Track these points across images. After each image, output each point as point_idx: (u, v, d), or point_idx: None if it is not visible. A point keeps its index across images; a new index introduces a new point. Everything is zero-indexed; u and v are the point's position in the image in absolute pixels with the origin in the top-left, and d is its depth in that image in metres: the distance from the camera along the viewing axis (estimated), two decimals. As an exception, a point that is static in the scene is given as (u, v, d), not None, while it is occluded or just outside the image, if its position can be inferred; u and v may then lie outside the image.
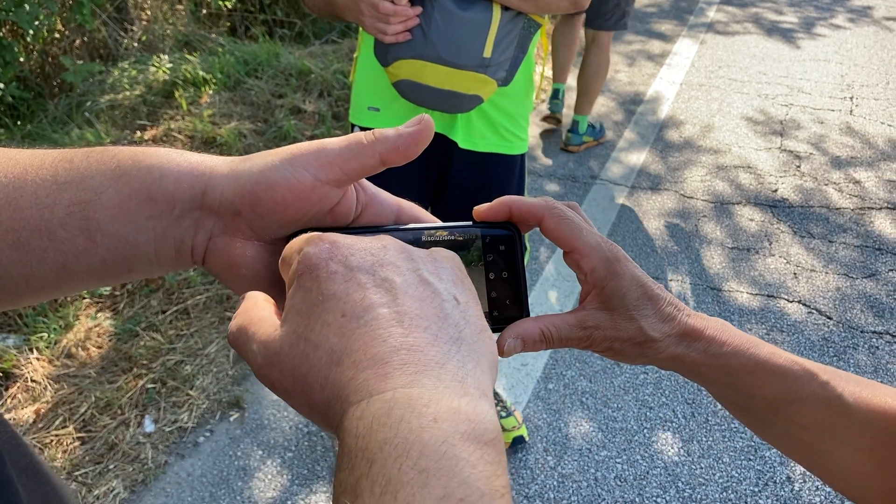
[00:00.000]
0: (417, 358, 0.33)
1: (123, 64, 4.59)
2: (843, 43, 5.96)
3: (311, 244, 0.39)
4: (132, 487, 2.14)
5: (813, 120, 4.60)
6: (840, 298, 3.00)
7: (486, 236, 0.51)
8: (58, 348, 2.52)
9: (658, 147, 4.26)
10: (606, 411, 2.45)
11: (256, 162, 0.46)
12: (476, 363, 0.35)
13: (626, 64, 5.52)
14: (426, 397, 0.31)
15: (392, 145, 0.45)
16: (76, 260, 0.45)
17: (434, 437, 0.29)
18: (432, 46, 1.60)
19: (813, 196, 3.74)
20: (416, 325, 0.35)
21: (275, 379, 0.37)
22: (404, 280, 0.38)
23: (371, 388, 0.32)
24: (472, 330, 0.37)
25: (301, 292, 0.37)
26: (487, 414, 0.32)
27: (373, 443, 0.30)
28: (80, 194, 0.44)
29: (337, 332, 0.35)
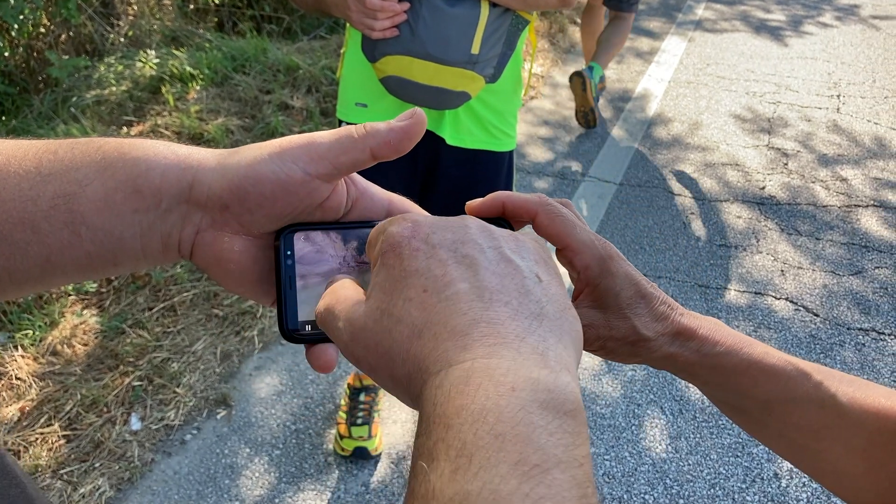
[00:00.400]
0: (497, 331, 0.33)
1: (110, 59, 4.56)
2: (830, 41, 5.99)
3: (395, 224, 0.40)
4: (118, 486, 2.12)
5: (800, 118, 4.62)
6: (827, 295, 3.02)
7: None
8: (43, 346, 2.50)
9: (647, 144, 4.27)
10: (594, 408, 2.45)
11: (245, 155, 0.45)
12: (558, 339, 0.35)
13: (615, 61, 5.51)
14: (504, 367, 0.31)
15: (383, 139, 0.45)
16: (60, 253, 0.44)
17: (511, 404, 0.29)
18: (420, 42, 1.59)
19: (800, 194, 3.76)
20: (496, 299, 0.35)
21: (360, 355, 0.38)
22: (485, 257, 0.38)
23: (451, 359, 0.32)
24: (555, 307, 0.37)
25: (384, 269, 0.38)
26: (568, 385, 0.32)
27: (450, 409, 0.30)
28: (65, 186, 0.43)
29: (418, 306, 0.35)
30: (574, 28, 6.07)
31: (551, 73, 5.23)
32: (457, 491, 0.27)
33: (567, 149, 4.20)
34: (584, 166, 4.00)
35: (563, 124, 4.50)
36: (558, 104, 4.77)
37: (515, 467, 0.27)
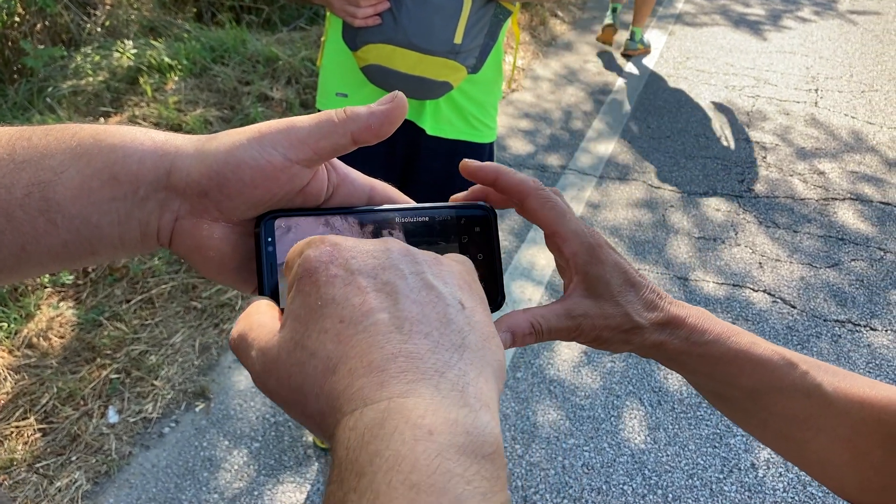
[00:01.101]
0: (416, 365, 0.32)
1: (86, 49, 4.50)
2: (808, 35, 6.03)
3: (312, 247, 0.37)
4: (95, 479, 2.10)
5: (779, 111, 4.65)
6: (804, 288, 3.04)
7: (462, 217, 0.50)
8: (18, 338, 2.47)
9: (627, 137, 4.28)
10: (574, 400, 2.46)
11: (224, 141, 0.44)
12: (479, 371, 0.34)
13: (596, 54, 5.53)
14: (422, 407, 0.30)
15: (364, 124, 0.44)
16: (36, 242, 0.43)
17: (428, 450, 0.28)
18: (402, 31, 1.58)
19: (778, 187, 3.79)
20: (416, 330, 0.34)
21: (272, 388, 0.36)
22: (407, 284, 0.36)
23: (366, 397, 0.31)
24: (477, 336, 0.35)
25: (300, 297, 0.36)
26: (487, 426, 0.30)
27: (364, 455, 0.28)
28: (40, 174, 0.43)
29: (334, 338, 0.34)
30: (555, 21, 6.07)
31: (532, 65, 5.23)
32: None
33: (547, 141, 4.20)
34: (565, 159, 4.01)
35: (543, 117, 4.50)
36: (539, 97, 4.77)
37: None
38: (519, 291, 2.95)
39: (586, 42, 5.78)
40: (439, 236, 0.49)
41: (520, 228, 3.36)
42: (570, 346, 2.68)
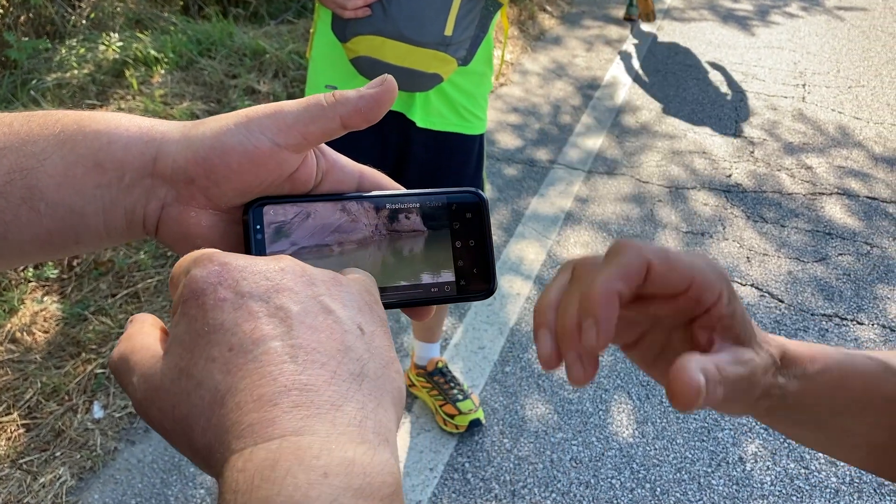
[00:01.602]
0: (311, 399, 0.30)
1: (71, 42, 4.46)
2: (796, 31, 6.05)
3: (199, 265, 0.34)
4: (80, 475, 2.08)
5: (766, 106, 4.66)
6: (791, 282, 3.05)
7: (453, 203, 0.49)
8: (1, 333, 2.44)
9: (615, 132, 4.28)
10: (562, 394, 2.46)
11: (210, 126, 0.43)
12: (378, 402, 0.32)
13: (584, 49, 5.53)
14: (317, 447, 0.28)
15: (353, 107, 0.43)
16: (19, 231, 0.42)
17: (323, 495, 0.26)
18: (393, 22, 1.57)
19: (766, 181, 3.79)
20: (311, 360, 0.31)
21: (153, 417, 0.33)
22: (302, 308, 0.34)
23: (256, 435, 0.29)
24: (376, 364, 0.34)
25: (185, 321, 0.33)
26: (386, 465, 0.29)
27: (253, 500, 0.26)
28: (22, 160, 0.41)
29: (222, 368, 0.31)
30: (544, 16, 6.07)
31: (521, 60, 5.23)
32: None
33: (536, 136, 4.20)
34: (553, 153, 4.00)
35: (532, 111, 4.49)
36: (528, 91, 4.77)
37: None
38: (508, 286, 2.94)
39: (575, 36, 5.77)
40: (430, 222, 0.48)
41: (508, 223, 3.35)
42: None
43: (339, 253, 0.46)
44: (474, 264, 0.48)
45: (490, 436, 2.30)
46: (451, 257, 0.48)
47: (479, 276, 0.48)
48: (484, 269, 0.49)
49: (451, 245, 0.48)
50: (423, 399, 2.37)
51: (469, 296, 0.48)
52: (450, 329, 2.71)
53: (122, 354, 0.36)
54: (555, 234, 3.29)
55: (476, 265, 0.48)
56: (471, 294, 0.48)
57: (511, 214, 3.42)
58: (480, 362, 2.57)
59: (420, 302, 0.47)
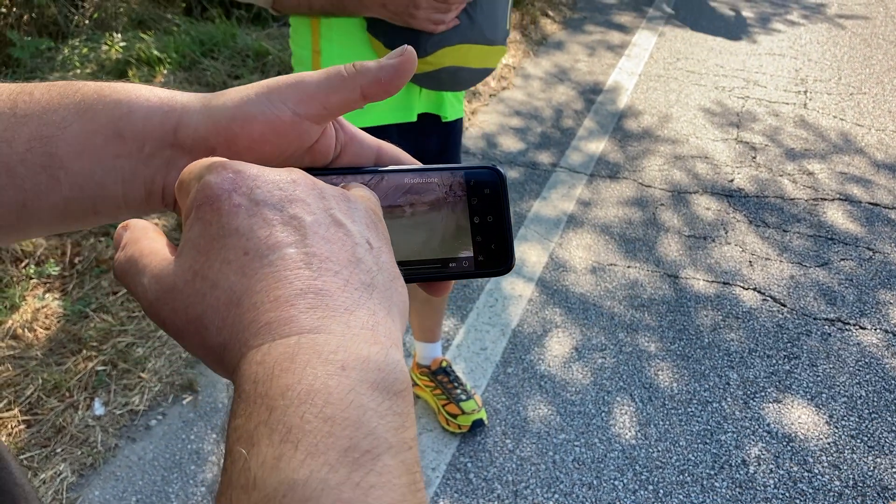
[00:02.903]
0: (325, 303, 0.31)
1: (74, 41, 4.46)
2: (797, 38, 6.06)
3: (213, 172, 0.35)
4: (80, 471, 2.07)
5: (768, 112, 4.66)
6: (794, 286, 3.05)
7: (471, 179, 0.48)
8: (3, 329, 2.44)
9: (617, 136, 4.28)
10: (565, 395, 2.45)
11: (231, 96, 0.43)
12: (387, 311, 0.33)
13: (586, 54, 5.53)
14: (334, 344, 0.29)
15: (374, 77, 0.42)
16: (37, 199, 0.42)
17: (341, 385, 0.27)
18: (478, 28, 1.59)
19: (768, 186, 3.79)
20: (325, 268, 0.32)
21: (166, 317, 0.34)
22: (315, 219, 0.34)
23: (274, 332, 0.29)
24: (384, 277, 0.34)
25: (200, 225, 0.34)
26: (398, 364, 0.30)
27: (274, 389, 0.27)
28: (42, 129, 0.42)
29: (238, 270, 0.32)
30: (546, 20, 6.08)
31: (523, 64, 5.23)
32: (281, 481, 0.25)
33: (538, 139, 4.20)
34: (555, 157, 4.00)
35: (534, 115, 4.50)
36: (530, 95, 4.77)
37: (346, 454, 0.25)
38: (510, 287, 2.94)
39: (577, 42, 5.78)
40: (447, 197, 0.48)
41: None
42: (562, 342, 2.67)
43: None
44: (492, 240, 0.48)
45: (492, 436, 2.29)
46: (469, 233, 0.48)
47: (497, 251, 0.48)
48: (502, 245, 0.49)
49: (470, 220, 0.48)
50: (426, 399, 2.37)
51: (487, 271, 0.48)
52: (451, 330, 2.70)
53: (131, 257, 0.37)
54: (557, 237, 3.28)
55: (494, 241, 0.48)
56: (489, 269, 0.48)
57: (513, 217, 3.41)
58: (482, 363, 2.56)
59: (439, 276, 0.47)
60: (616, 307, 2.87)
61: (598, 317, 2.82)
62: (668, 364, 2.60)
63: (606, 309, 2.86)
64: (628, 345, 2.68)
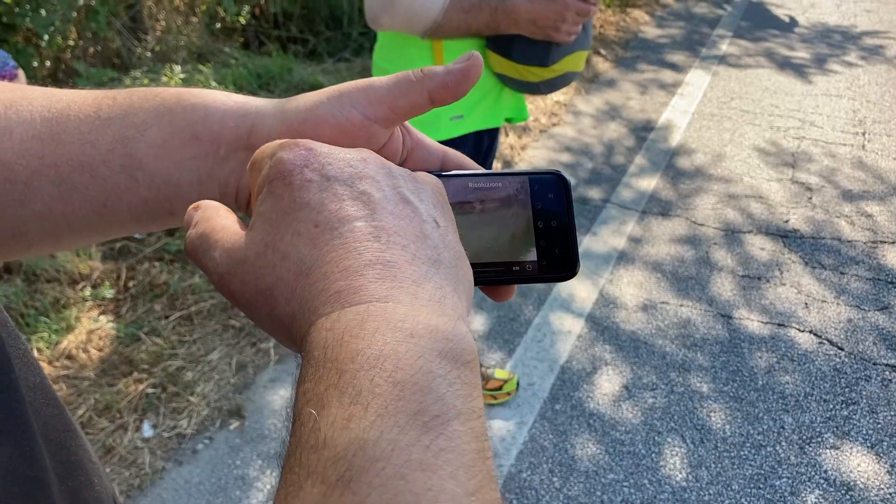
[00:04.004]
0: (394, 274, 0.31)
1: (136, 72, 4.60)
2: (855, 79, 5.97)
3: (286, 149, 0.36)
4: (128, 492, 2.09)
5: (824, 153, 4.58)
6: (852, 330, 2.96)
7: (535, 183, 0.49)
8: (58, 349, 2.48)
9: (669, 174, 4.25)
10: (614, 434, 2.40)
11: (304, 100, 0.44)
12: (454, 287, 0.33)
13: (638, 92, 5.52)
14: (402, 312, 0.29)
15: (441, 82, 0.43)
16: (117, 199, 0.44)
17: (410, 351, 0.27)
18: (588, 36, 1.81)
19: (824, 228, 3.71)
20: (393, 241, 0.32)
21: (236, 289, 0.34)
22: (384, 196, 0.35)
23: (343, 301, 0.30)
24: (450, 254, 0.35)
25: (272, 199, 0.34)
26: (465, 336, 0.30)
27: (343, 353, 0.27)
28: (123, 131, 0.44)
29: (308, 242, 0.32)
30: (598, 59, 6.09)
31: (574, 101, 5.24)
32: (352, 440, 0.25)
33: (588, 175, 4.18)
34: (606, 193, 3.98)
35: (585, 151, 4.49)
36: (580, 131, 4.77)
37: (415, 417, 0.25)
38: (558, 323, 2.90)
39: (629, 80, 5.77)
40: (512, 201, 0.48)
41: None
42: (611, 380, 2.63)
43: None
44: (556, 245, 0.48)
45: (539, 474, 2.25)
46: (533, 237, 0.48)
47: (560, 256, 0.48)
48: (566, 251, 0.49)
49: (534, 225, 0.48)
50: None
51: (550, 276, 0.48)
52: (499, 363, 2.68)
53: (202, 233, 0.37)
54: (607, 273, 3.25)
55: (558, 245, 0.48)
56: (552, 274, 0.48)
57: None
58: (530, 399, 2.53)
59: (503, 280, 0.47)
60: (667, 346, 2.82)
61: (649, 355, 2.77)
62: (721, 406, 2.54)
63: (658, 347, 2.81)
64: (680, 385, 2.62)
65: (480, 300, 3.02)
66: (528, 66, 1.76)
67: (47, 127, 0.44)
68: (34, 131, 0.44)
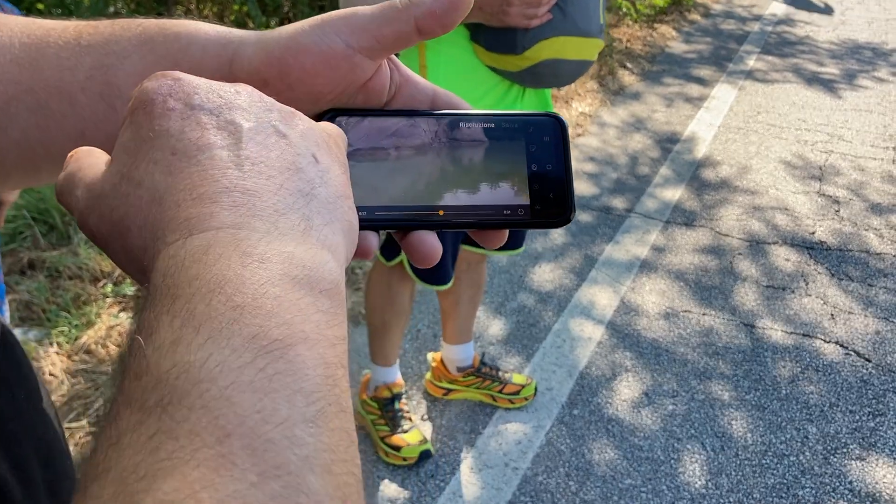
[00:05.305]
0: (252, 202, 0.28)
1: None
2: (886, 95, 5.89)
3: (152, 79, 0.33)
4: (141, 485, 2.08)
5: (853, 167, 4.52)
6: (879, 342, 2.90)
7: (529, 125, 0.47)
8: (77, 344, 2.50)
9: (694, 185, 4.21)
10: (632, 440, 2.36)
11: (286, 29, 0.43)
12: (327, 223, 0.30)
13: (664, 105, 5.49)
14: (255, 238, 0.27)
15: (428, 9, 0.41)
16: (95, 128, 0.43)
17: (256, 276, 0.25)
18: (571, 21, 1.69)
19: (851, 240, 3.65)
20: (258, 170, 0.30)
21: (94, 225, 0.32)
22: (254, 126, 0.32)
23: (192, 227, 0.27)
24: (328, 191, 0.32)
25: (132, 128, 0.32)
26: (327, 263, 0.28)
27: (182, 278, 0.25)
28: (103, 58, 0.43)
29: (164, 169, 0.30)
30: (623, 71, 6.07)
31: (599, 112, 5.22)
32: (175, 362, 0.23)
33: (613, 185, 4.16)
34: (630, 203, 3.95)
35: (609, 161, 4.46)
36: (605, 142, 4.74)
37: (252, 341, 0.23)
38: (578, 329, 2.87)
39: (655, 93, 5.74)
40: (505, 143, 0.46)
41: (580, 267, 3.30)
42: (631, 386, 2.59)
43: (396, 158, 0.45)
44: (550, 189, 0.46)
45: (555, 478, 2.21)
46: (525, 180, 0.46)
47: (554, 201, 0.46)
48: (561, 195, 0.46)
49: (527, 168, 0.46)
50: (479, 398, 2.42)
51: (543, 221, 0.46)
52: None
53: (68, 173, 0.35)
54: (629, 282, 3.21)
55: (552, 190, 0.46)
56: (545, 219, 0.46)
57: (584, 259, 3.36)
58: (548, 403, 2.50)
59: (491, 224, 0.45)
60: (689, 354, 2.78)
61: (669, 363, 2.73)
62: (743, 414, 2.49)
63: (679, 355, 2.77)
64: (701, 392, 2.58)
65: (499, 305, 3.00)
66: (499, 54, 1.72)
67: (26, 52, 0.43)
68: (12, 55, 0.43)
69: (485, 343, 2.76)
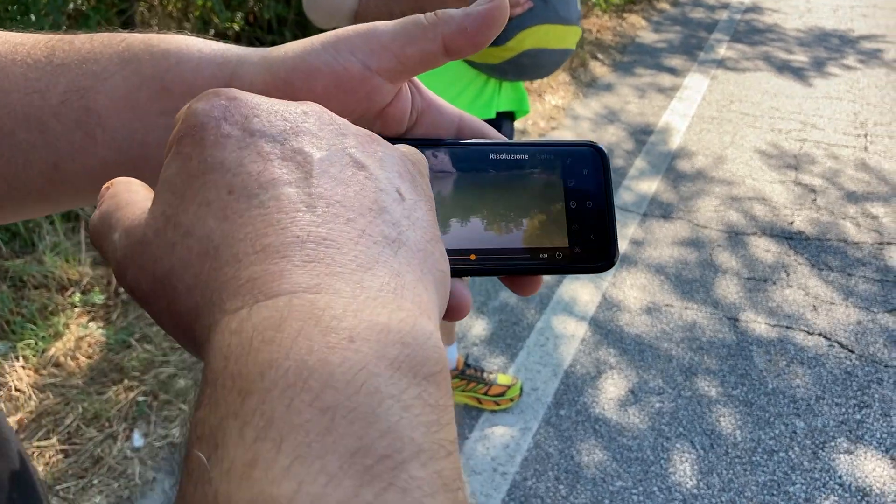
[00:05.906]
0: (331, 255, 0.23)
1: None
2: (854, 82, 5.92)
3: (203, 99, 0.27)
4: (117, 504, 2.00)
5: (827, 155, 4.53)
6: (861, 332, 2.89)
7: (567, 156, 0.41)
8: (45, 357, 2.40)
9: (670, 176, 4.18)
10: (621, 440, 2.32)
11: (293, 47, 0.36)
12: (418, 277, 0.24)
13: (637, 96, 5.46)
14: (339, 307, 0.21)
15: (458, 26, 0.35)
16: (71, 159, 0.36)
17: (347, 363, 0.19)
18: (552, 8, 1.66)
19: (830, 230, 3.65)
20: (334, 213, 0.24)
21: (132, 278, 0.26)
22: (326, 156, 0.26)
23: (258, 291, 0.21)
24: (418, 235, 0.26)
25: (178, 161, 0.26)
26: (431, 337, 0.21)
27: (251, 367, 0.19)
28: (80, 80, 0.36)
29: (218, 213, 0.24)
30: (594, 62, 6.04)
31: (572, 105, 5.18)
32: (253, 497, 0.17)
33: None
34: (607, 196, 3.91)
35: (584, 155, 4.42)
36: (579, 135, 4.71)
37: (352, 459, 0.17)
38: (561, 327, 2.83)
39: (627, 84, 5.72)
40: (542, 177, 0.40)
41: (562, 263, 3.25)
42: (617, 384, 2.55)
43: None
44: (591, 229, 0.40)
45: (545, 481, 2.17)
46: (564, 220, 0.40)
47: (596, 242, 0.40)
48: (603, 235, 0.40)
49: (565, 205, 0.40)
50: (463, 401, 2.36)
51: (584, 266, 0.40)
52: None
53: (104, 212, 0.29)
54: (610, 276, 3.18)
55: (593, 230, 0.40)
56: (586, 264, 0.40)
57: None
58: (533, 404, 2.45)
59: (527, 270, 0.39)
60: (673, 349, 2.75)
61: (654, 359, 2.69)
62: (731, 410, 2.46)
63: (663, 351, 2.74)
64: (687, 389, 2.55)
65: (481, 304, 2.94)
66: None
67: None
68: None
69: (468, 343, 2.71)
